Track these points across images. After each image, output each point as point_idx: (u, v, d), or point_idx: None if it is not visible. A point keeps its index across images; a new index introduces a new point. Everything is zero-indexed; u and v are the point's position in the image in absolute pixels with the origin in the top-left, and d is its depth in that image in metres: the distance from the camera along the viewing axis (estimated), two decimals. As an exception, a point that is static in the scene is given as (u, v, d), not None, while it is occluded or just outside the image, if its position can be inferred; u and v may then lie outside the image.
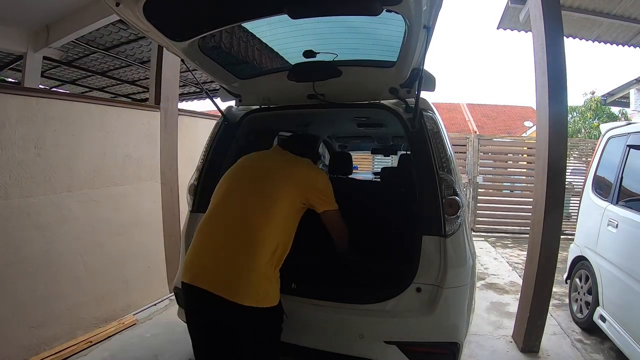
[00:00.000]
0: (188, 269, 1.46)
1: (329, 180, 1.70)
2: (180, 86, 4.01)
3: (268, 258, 1.40)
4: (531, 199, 3.07)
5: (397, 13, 1.35)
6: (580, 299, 3.10)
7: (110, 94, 7.35)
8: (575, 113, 14.31)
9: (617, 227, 2.66)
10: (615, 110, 12.89)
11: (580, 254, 3.22)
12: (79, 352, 2.46)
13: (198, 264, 1.45)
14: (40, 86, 5.44)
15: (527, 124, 13.42)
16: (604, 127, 3.48)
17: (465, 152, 6.90)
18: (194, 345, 1.55)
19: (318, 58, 1.86)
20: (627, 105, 6.92)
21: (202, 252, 1.48)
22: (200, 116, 4.13)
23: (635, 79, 6.22)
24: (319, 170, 1.79)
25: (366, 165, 9.60)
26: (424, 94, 1.79)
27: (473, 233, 6.50)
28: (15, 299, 2.23)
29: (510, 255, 5.46)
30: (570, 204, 6.40)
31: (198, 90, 7.15)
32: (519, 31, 4.64)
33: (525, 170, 7.16)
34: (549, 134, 2.48)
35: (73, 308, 2.57)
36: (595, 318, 2.77)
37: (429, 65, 1.73)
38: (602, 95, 8.01)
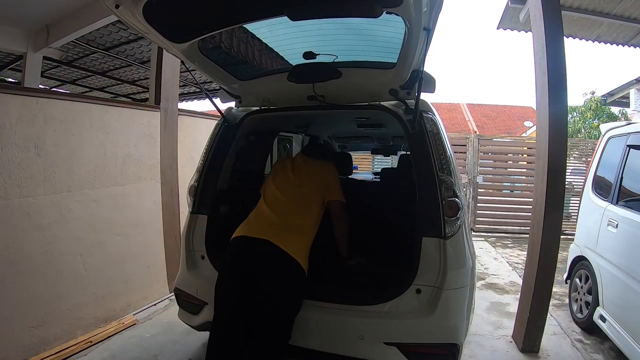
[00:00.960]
0: (241, 230, 1.80)
1: (337, 175, 2.06)
2: (180, 86, 4.01)
3: (304, 230, 1.80)
4: (531, 199, 3.06)
5: (397, 15, 1.35)
6: (580, 299, 3.11)
7: (110, 94, 7.34)
8: (575, 113, 14.30)
9: (617, 227, 2.66)
10: (615, 110, 12.89)
11: (580, 254, 3.22)
12: (79, 352, 2.47)
13: (252, 226, 1.80)
14: (40, 86, 5.43)
15: (527, 124, 13.41)
16: (604, 127, 3.48)
17: (465, 152, 6.90)
18: (219, 302, 1.73)
19: (318, 59, 1.86)
20: (627, 105, 6.91)
21: (256, 220, 1.85)
22: (200, 116, 4.13)
23: (635, 79, 6.22)
24: (330, 166, 2.11)
25: (366, 165, 9.62)
26: (423, 96, 1.79)
27: (473, 233, 6.51)
28: (15, 299, 2.23)
29: (510, 255, 5.46)
30: (570, 204, 6.40)
31: (198, 90, 7.15)
32: (519, 31, 4.63)
33: (525, 170, 7.16)
34: (549, 134, 2.48)
35: (73, 308, 2.57)
36: (595, 318, 2.77)
37: (429, 67, 1.74)
38: (602, 95, 8.00)
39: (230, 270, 1.76)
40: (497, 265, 4.93)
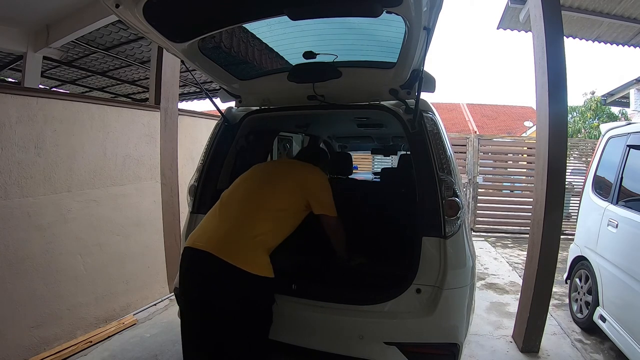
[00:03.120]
0: (191, 238, 1.60)
1: (329, 186, 1.78)
2: (180, 86, 4.01)
3: (256, 235, 1.53)
4: (531, 199, 3.07)
5: (397, 14, 1.35)
6: (580, 299, 3.11)
7: (110, 94, 7.35)
8: (575, 113, 14.31)
9: (617, 227, 2.66)
10: (615, 110, 12.90)
11: (580, 254, 3.22)
12: (79, 352, 2.47)
13: (201, 234, 1.59)
14: (40, 86, 5.44)
15: (527, 124, 13.41)
16: (604, 127, 3.48)
17: (465, 152, 6.90)
18: (184, 318, 1.62)
19: (318, 59, 1.86)
20: (627, 105, 6.92)
21: (206, 226, 1.63)
22: (201, 116, 4.13)
23: (635, 79, 6.23)
24: (320, 175, 1.83)
25: (366, 165, 9.63)
26: (423, 95, 1.79)
27: (473, 233, 6.51)
28: (15, 299, 2.23)
29: (510, 255, 5.46)
30: (570, 204, 6.41)
31: (198, 90, 7.15)
32: (519, 31, 4.65)
33: (525, 170, 7.16)
34: (549, 134, 2.48)
35: (73, 308, 2.57)
36: (595, 318, 2.77)
37: (429, 66, 1.73)
38: (602, 95, 8.01)
39: (184, 285, 1.61)
40: (497, 265, 4.93)
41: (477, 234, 6.71)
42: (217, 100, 2.37)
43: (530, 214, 2.90)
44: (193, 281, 1.56)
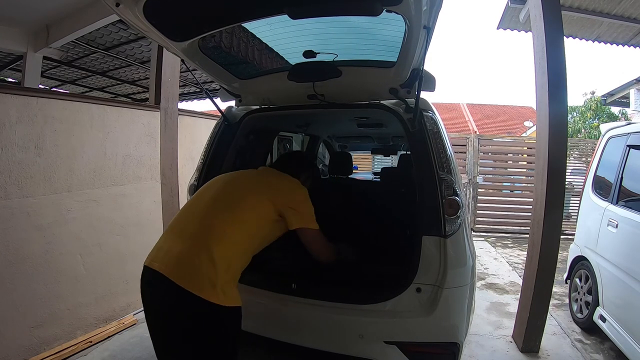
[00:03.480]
0: (149, 256, 1.46)
1: (307, 197, 1.62)
2: (180, 86, 4.02)
3: (216, 255, 1.32)
4: (531, 199, 3.06)
5: (397, 13, 1.35)
6: (580, 299, 3.10)
7: (110, 94, 7.35)
8: (575, 113, 14.33)
9: (617, 227, 2.66)
10: (615, 110, 12.91)
11: (580, 254, 3.22)
12: (79, 352, 2.47)
13: (158, 252, 1.44)
14: (40, 86, 5.44)
15: (527, 124, 13.42)
16: (604, 127, 3.48)
17: (465, 152, 6.90)
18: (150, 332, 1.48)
19: (318, 58, 1.86)
20: (627, 105, 6.93)
21: (162, 244, 1.47)
22: (201, 116, 4.13)
23: (635, 79, 6.24)
24: (296, 186, 1.65)
25: (366, 165, 9.62)
26: (423, 94, 1.79)
27: (473, 233, 6.51)
28: (15, 299, 2.23)
29: (510, 255, 5.46)
30: (570, 204, 6.41)
31: (198, 90, 7.16)
32: (519, 31, 4.66)
33: (525, 170, 7.17)
34: (549, 134, 2.48)
35: (73, 308, 2.57)
36: (595, 318, 2.77)
37: (428, 66, 1.73)
38: (602, 95, 8.03)
39: (144, 308, 1.50)
40: (497, 265, 4.93)
41: (477, 234, 6.71)
42: (217, 100, 2.37)
43: (530, 214, 2.90)
44: (149, 305, 1.43)
